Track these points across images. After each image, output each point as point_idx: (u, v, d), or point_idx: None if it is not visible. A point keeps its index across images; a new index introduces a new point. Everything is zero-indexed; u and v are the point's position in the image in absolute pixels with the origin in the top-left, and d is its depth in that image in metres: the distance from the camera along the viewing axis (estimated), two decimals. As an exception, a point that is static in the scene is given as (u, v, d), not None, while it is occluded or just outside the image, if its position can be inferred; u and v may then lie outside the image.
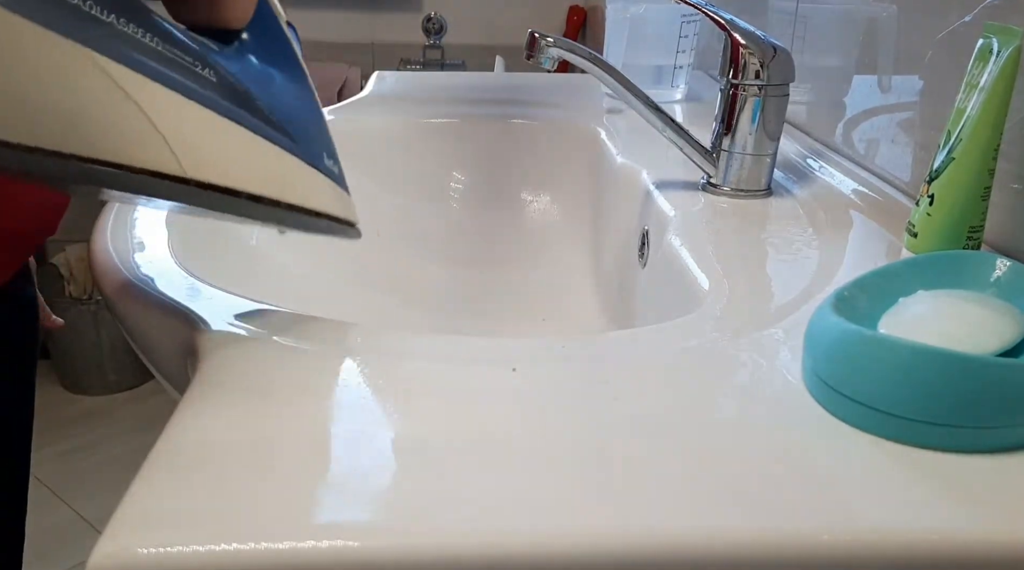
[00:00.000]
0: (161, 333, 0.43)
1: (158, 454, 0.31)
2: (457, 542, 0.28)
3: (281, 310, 0.43)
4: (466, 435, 0.33)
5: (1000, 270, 0.41)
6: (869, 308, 0.39)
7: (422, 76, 1.11)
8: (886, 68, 0.67)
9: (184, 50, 0.33)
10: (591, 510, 0.30)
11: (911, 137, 0.63)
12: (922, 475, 0.32)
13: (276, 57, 0.39)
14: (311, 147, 0.39)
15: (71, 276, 1.99)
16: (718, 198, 0.65)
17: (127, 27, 0.30)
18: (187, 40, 0.34)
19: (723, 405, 0.37)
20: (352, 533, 0.28)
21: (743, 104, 0.63)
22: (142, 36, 0.31)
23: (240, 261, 0.63)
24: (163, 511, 0.29)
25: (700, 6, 0.66)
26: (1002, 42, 0.46)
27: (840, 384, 0.35)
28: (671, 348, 0.41)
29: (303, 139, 0.38)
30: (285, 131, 0.37)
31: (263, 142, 0.36)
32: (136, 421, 1.97)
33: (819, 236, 0.57)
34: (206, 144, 0.34)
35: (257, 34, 0.38)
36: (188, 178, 0.33)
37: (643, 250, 0.68)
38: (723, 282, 0.49)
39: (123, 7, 0.30)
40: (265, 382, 0.36)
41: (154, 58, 0.31)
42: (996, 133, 0.46)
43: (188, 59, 0.33)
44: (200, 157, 0.33)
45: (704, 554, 0.29)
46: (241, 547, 0.27)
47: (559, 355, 0.40)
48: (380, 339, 0.41)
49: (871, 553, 0.29)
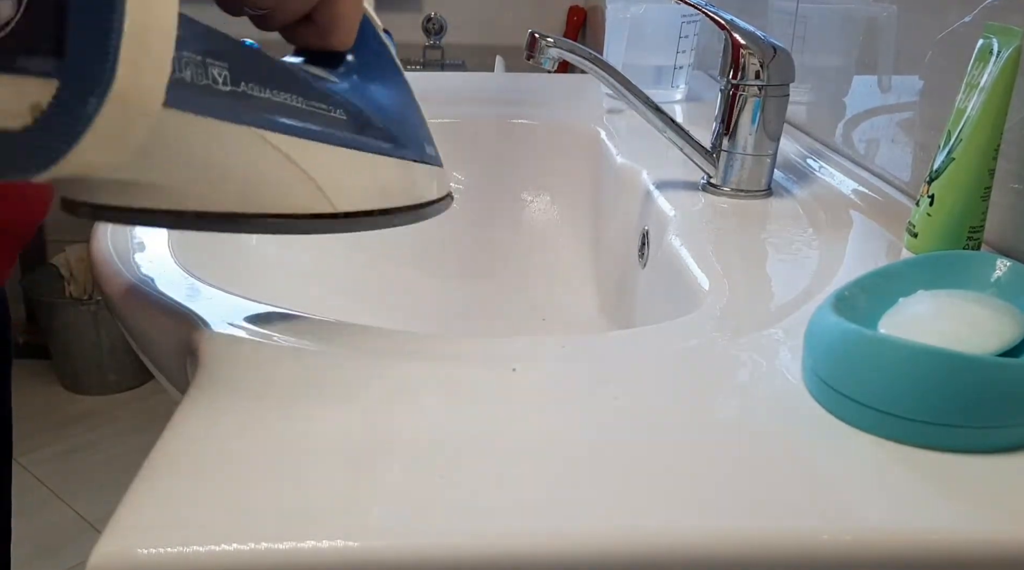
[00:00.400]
0: (161, 333, 0.43)
1: (158, 454, 0.31)
2: (457, 542, 0.28)
3: (281, 310, 0.43)
4: (466, 435, 0.33)
5: (1000, 270, 0.41)
6: (869, 308, 0.39)
7: (422, 76, 1.11)
8: (886, 68, 0.67)
9: (319, 98, 0.38)
10: (591, 510, 0.30)
11: (911, 137, 0.63)
12: (922, 475, 0.32)
13: (378, 68, 0.44)
14: (417, 144, 0.44)
15: (71, 276, 2.00)
16: (718, 198, 0.65)
17: (278, 95, 0.36)
18: (318, 87, 0.38)
19: (723, 405, 0.37)
20: (352, 533, 0.28)
21: (743, 104, 0.63)
22: (290, 100, 0.36)
23: (240, 261, 0.63)
24: (163, 511, 0.29)
25: (700, 6, 0.66)
26: (1002, 42, 0.46)
27: (840, 384, 0.35)
28: (671, 348, 0.41)
29: (411, 140, 0.43)
30: (397, 140, 0.42)
31: (384, 160, 0.41)
32: (136, 421, 1.97)
33: (819, 236, 0.57)
34: (346, 178, 0.39)
35: (360, 49, 0.43)
36: (337, 213, 0.39)
37: (643, 250, 0.68)
38: (723, 282, 0.49)
39: (272, 78, 0.35)
40: (265, 382, 0.36)
41: (301, 117, 0.37)
42: (996, 133, 0.46)
43: (323, 107, 0.38)
44: (343, 192, 0.39)
45: (704, 554, 0.29)
46: (241, 547, 0.27)
47: (559, 355, 0.40)
48: (380, 339, 0.41)
49: (871, 553, 0.29)
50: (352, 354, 0.39)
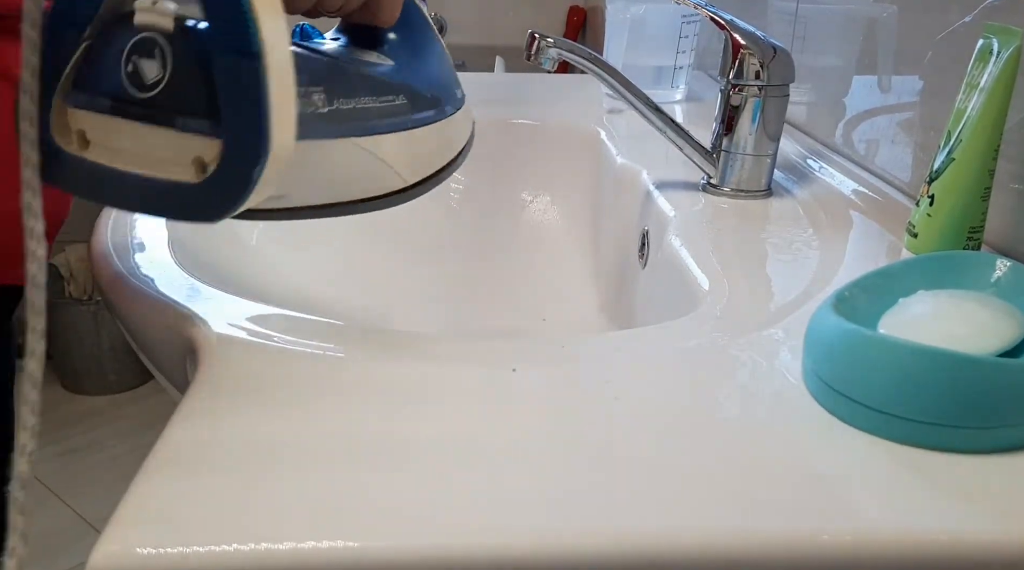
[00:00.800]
0: (161, 333, 0.43)
1: (158, 454, 0.31)
2: (457, 542, 0.28)
3: (281, 310, 0.43)
4: (466, 435, 0.33)
5: (1000, 270, 0.41)
6: (869, 308, 0.39)
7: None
8: (886, 68, 0.67)
9: (385, 91, 0.44)
10: (591, 510, 0.30)
11: (911, 137, 0.63)
12: (922, 475, 0.32)
13: (415, 32, 0.49)
14: (452, 95, 0.50)
15: (71, 276, 1.99)
16: (718, 198, 0.65)
17: (360, 102, 0.42)
18: (382, 81, 0.44)
19: (723, 405, 0.37)
20: (352, 533, 0.28)
21: (743, 104, 0.63)
22: (368, 103, 0.43)
23: (240, 261, 0.63)
24: (163, 511, 0.29)
25: (700, 6, 0.66)
26: (1002, 42, 0.46)
27: (840, 384, 0.35)
28: (671, 348, 0.41)
29: (449, 94, 0.50)
30: (440, 102, 0.48)
31: (434, 127, 0.48)
32: (136, 421, 1.97)
33: (819, 236, 0.57)
34: (411, 155, 0.46)
35: (400, 21, 0.48)
36: (407, 186, 0.46)
37: (643, 250, 0.68)
38: (723, 282, 0.49)
39: (353, 88, 0.42)
40: (265, 382, 0.36)
41: (378, 115, 0.43)
42: (996, 133, 0.46)
43: (390, 98, 0.44)
44: (410, 166, 0.46)
45: (704, 554, 0.29)
46: (241, 547, 0.27)
47: (559, 355, 0.40)
48: (380, 339, 0.41)
49: (871, 553, 0.29)
50: (351, 355, 0.39)
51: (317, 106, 0.39)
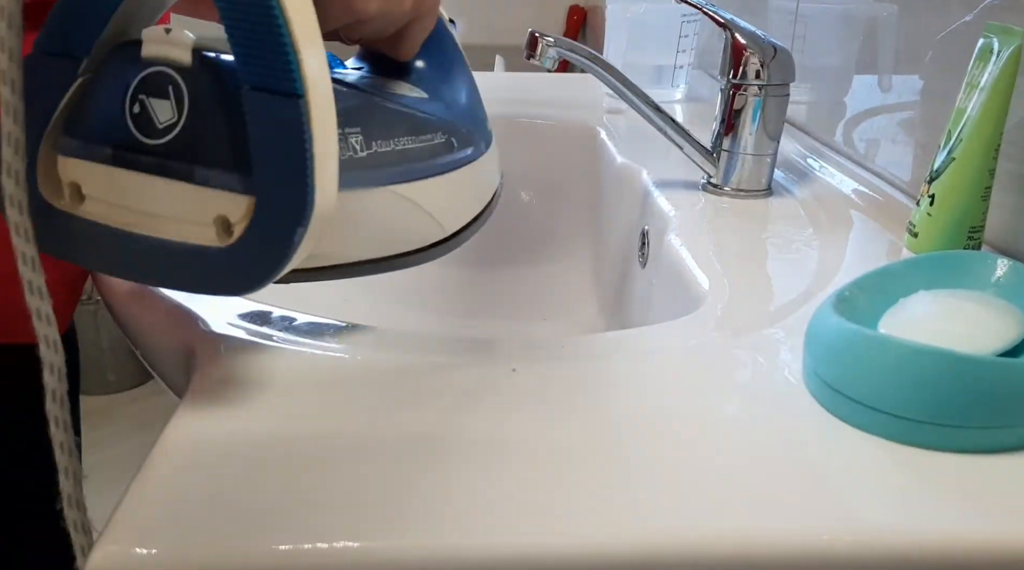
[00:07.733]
0: (161, 333, 0.43)
1: (158, 454, 0.31)
2: (457, 542, 0.28)
3: (281, 310, 0.43)
4: (466, 435, 0.33)
5: (1000, 270, 0.41)
6: (869, 308, 0.39)
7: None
8: (886, 68, 0.67)
9: (424, 129, 0.39)
10: (591, 510, 0.30)
11: (911, 137, 0.63)
12: (922, 475, 0.32)
13: (446, 60, 0.44)
14: (484, 129, 0.45)
15: (71, 276, 1.99)
16: (718, 198, 0.65)
17: (399, 143, 0.37)
18: (420, 119, 0.39)
19: (723, 405, 0.37)
20: (352, 533, 0.28)
21: (743, 104, 0.63)
22: (407, 144, 0.37)
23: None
24: (162, 512, 0.29)
25: (700, 6, 0.66)
26: (1002, 42, 0.46)
27: (840, 384, 0.35)
28: (671, 348, 0.41)
29: (482, 130, 0.44)
30: (473, 138, 0.43)
31: (471, 168, 0.42)
32: (136, 421, 1.97)
33: (819, 236, 0.57)
34: (450, 201, 0.41)
35: (429, 43, 0.43)
36: (447, 236, 0.41)
37: (643, 250, 0.68)
38: (723, 282, 0.49)
39: (391, 128, 0.37)
40: (264, 382, 0.36)
41: (417, 157, 0.38)
42: (996, 133, 0.46)
43: (428, 137, 0.39)
44: (449, 213, 0.41)
45: (704, 554, 0.29)
46: (241, 547, 0.27)
47: (559, 355, 0.40)
48: (379, 339, 0.41)
49: (871, 553, 0.29)
50: (350, 354, 0.39)
51: (355, 151, 0.34)
